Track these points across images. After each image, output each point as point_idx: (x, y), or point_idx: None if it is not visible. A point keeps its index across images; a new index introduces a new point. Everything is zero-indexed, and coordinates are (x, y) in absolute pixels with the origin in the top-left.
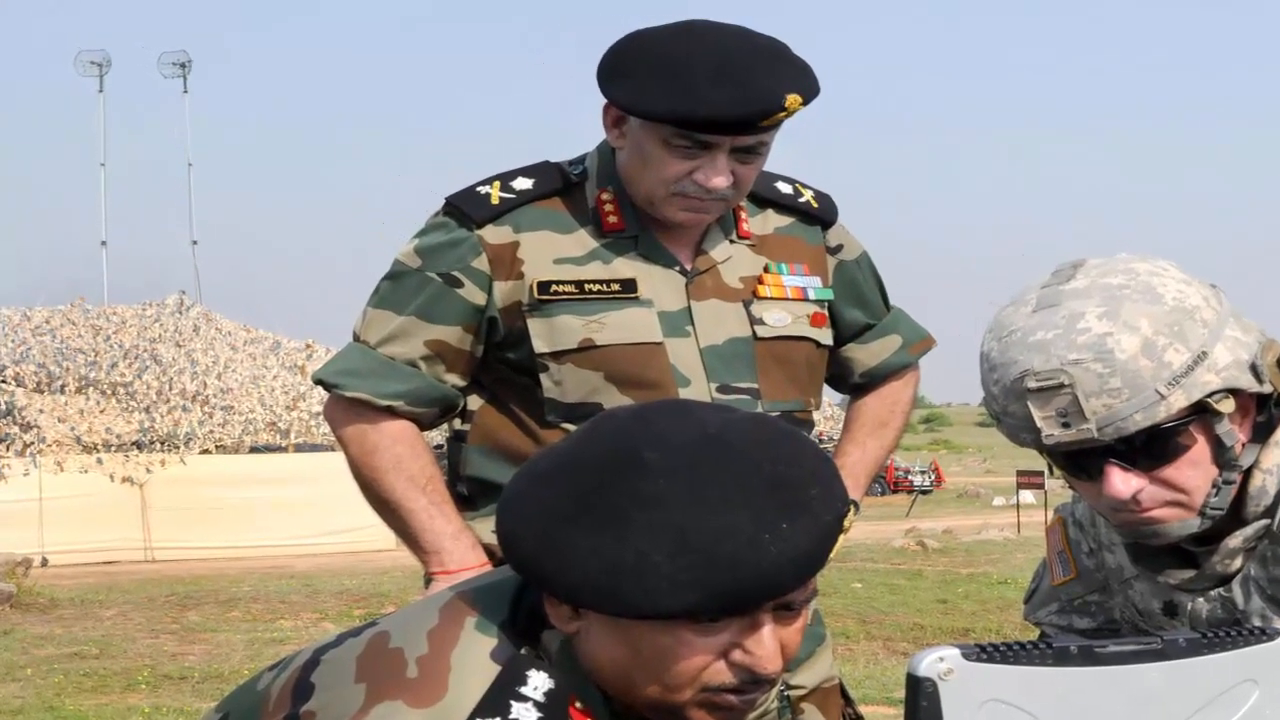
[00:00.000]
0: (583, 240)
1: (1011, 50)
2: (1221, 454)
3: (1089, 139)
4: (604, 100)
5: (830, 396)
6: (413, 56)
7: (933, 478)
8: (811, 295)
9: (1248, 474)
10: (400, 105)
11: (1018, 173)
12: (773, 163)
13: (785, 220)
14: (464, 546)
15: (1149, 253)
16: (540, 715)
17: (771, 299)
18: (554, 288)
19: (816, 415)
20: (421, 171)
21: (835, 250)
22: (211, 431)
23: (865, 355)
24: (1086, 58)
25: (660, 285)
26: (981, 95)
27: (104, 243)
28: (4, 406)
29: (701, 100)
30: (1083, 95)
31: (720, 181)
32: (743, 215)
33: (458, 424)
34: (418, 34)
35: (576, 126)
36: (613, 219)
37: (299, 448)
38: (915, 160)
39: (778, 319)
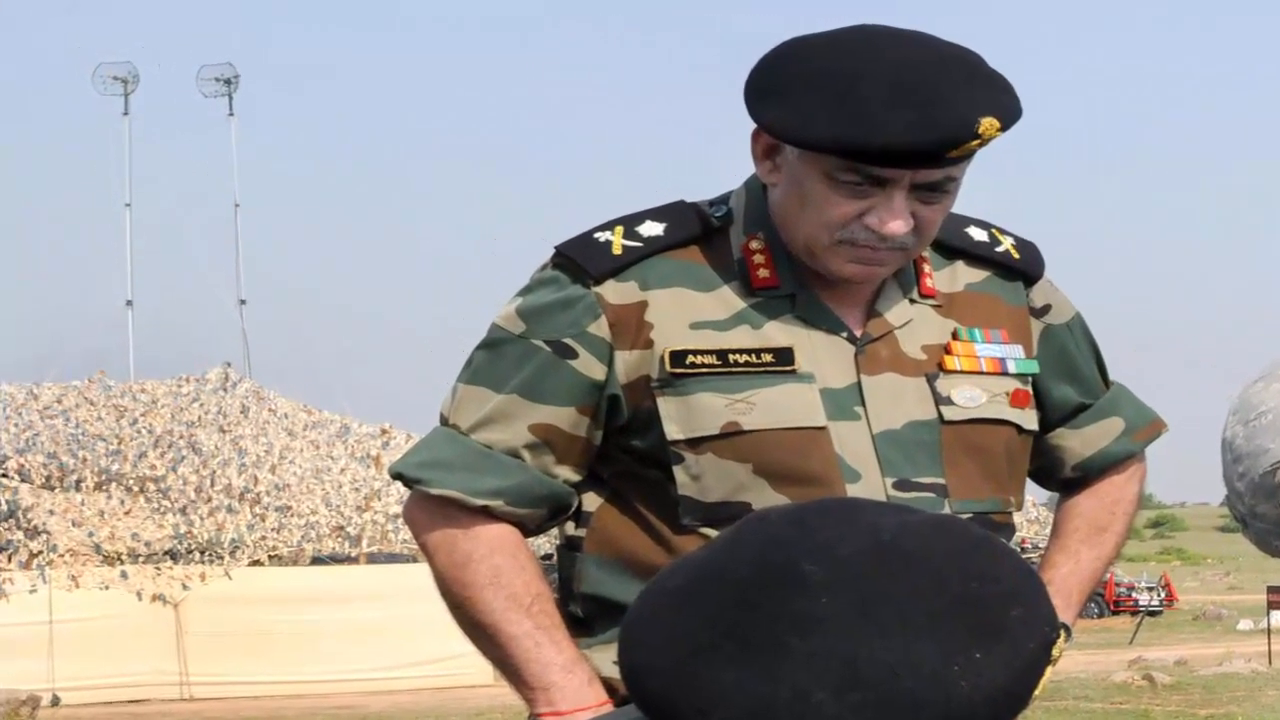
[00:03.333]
0: (726, 299)
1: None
2: None
3: None
4: (753, 125)
5: (1035, 494)
6: (518, 68)
7: (1163, 595)
8: (1012, 368)
9: None
10: (502, 132)
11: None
12: (963, 202)
13: (979, 275)
14: (578, 681)
15: None
16: None
17: (962, 373)
18: (691, 359)
19: (1018, 518)
20: (526, 216)
21: (1041, 312)
22: (264, 538)
23: (1079, 443)
24: None
25: (823, 356)
26: (1225, 126)
27: (129, 302)
28: (5, 507)
29: (875, 125)
30: None
31: (898, 226)
32: (926, 269)
33: (571, 529)
34: (524, 39)
35: (718, 158)
36: (764, 273)
37: (372, 558)
38: (1138, 201)
39: (970, 398)
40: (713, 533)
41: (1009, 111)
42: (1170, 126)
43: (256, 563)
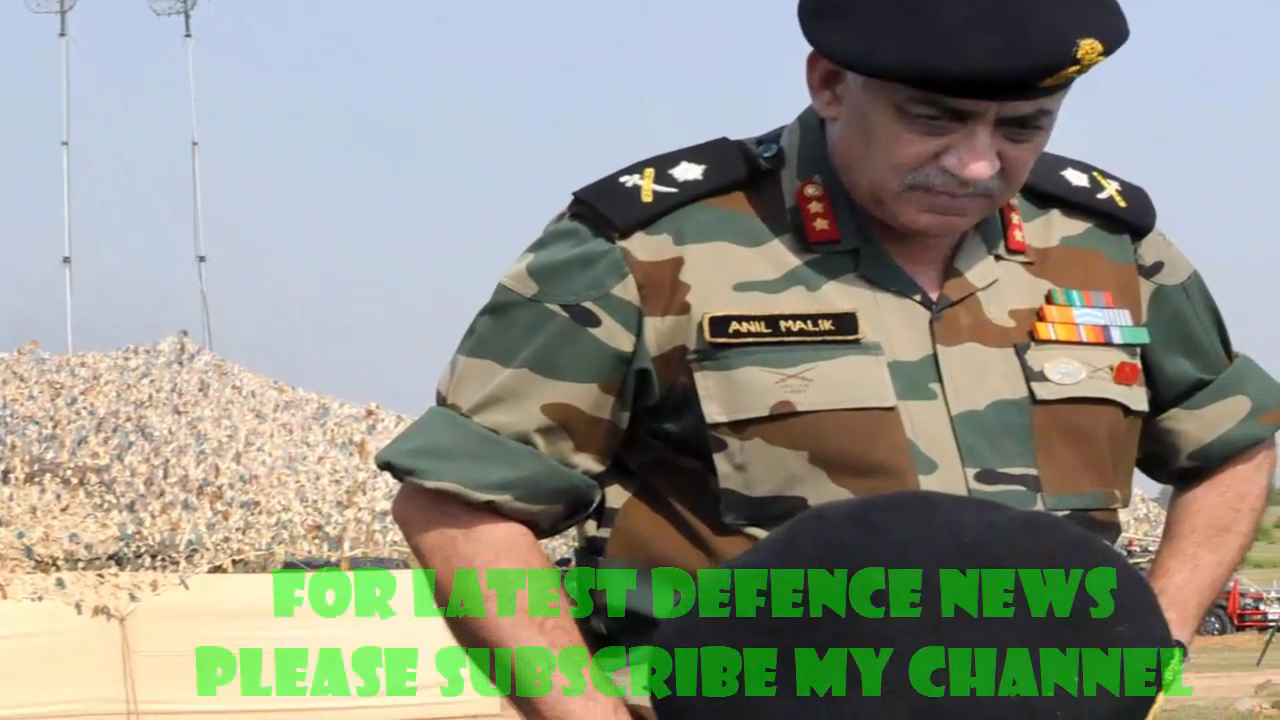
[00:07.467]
0: (777, 256)
1: None
2: None
3: None
4: (808, 48)
5: (1144, 487)
6: None
7: None
8: (1117, 337)
9: None
10: (514, 55)
11: None
12: (1061, 141)
13: (1078, 226)
14: (601, 711)
15: None
16: None
17: (1058, 343)
18: (735, 326)
19: (1123, 515)
20: (542, 158)
21: (1152, 270)
22: (227, 539)
23: (1196, 426)
24: None
25: (892, 322)
26: None
27: (67, 259)
28: None
29: (954, 48)
30: None
31: (981, 168)
32: (1014, 219)
33: (592, 529)
34: None
35: (767, 89)
36: (821, 224)
37: (356, 563)
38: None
39: (1067, 373)
40: (761, 533)
41: (1114, 32)
42: None
43: (218, 569)
